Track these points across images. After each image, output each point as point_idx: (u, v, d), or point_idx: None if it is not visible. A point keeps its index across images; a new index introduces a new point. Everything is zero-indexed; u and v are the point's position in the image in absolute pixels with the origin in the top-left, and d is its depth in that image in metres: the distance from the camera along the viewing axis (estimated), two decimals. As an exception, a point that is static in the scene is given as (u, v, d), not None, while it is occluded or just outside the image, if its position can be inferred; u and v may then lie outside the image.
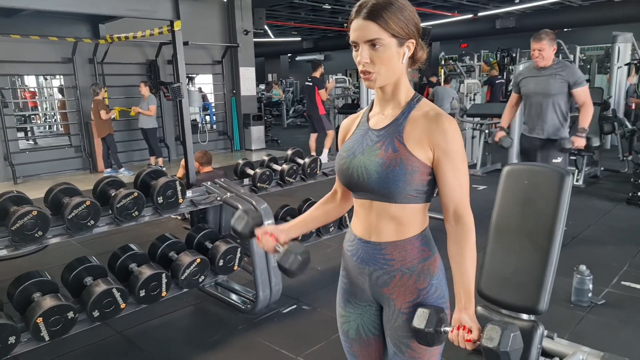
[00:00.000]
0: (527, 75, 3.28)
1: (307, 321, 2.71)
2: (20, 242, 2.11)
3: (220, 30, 9.17)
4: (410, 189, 1.06)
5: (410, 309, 1.11)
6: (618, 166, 6.26)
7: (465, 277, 1.08)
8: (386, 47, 1.03)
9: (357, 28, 1.04)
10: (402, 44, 1.05)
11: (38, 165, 7.23)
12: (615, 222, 4.29)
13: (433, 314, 1.05)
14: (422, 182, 1.07)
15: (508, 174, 1.89)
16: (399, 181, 1.05)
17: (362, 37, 1.04)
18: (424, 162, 1.06)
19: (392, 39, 1.03)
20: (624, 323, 2.54)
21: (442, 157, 1.05)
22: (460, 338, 1.03)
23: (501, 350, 0.96)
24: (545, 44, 3.10)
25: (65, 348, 2.44)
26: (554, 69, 3.17)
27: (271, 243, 1.22)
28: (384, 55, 1.04)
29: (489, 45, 14.20)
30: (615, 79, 7.92)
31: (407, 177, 1.05)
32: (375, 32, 1.02)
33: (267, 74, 19.37)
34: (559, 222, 1.72)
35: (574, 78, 3.14)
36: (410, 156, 1.05)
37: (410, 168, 1.05)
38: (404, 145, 1.06)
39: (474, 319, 1.07)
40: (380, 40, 1.03)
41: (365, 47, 1.04)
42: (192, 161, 3.24)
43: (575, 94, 3.16)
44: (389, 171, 1.05)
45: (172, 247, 2.67)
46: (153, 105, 7.08)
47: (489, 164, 6.71)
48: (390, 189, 1.06)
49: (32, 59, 7.05)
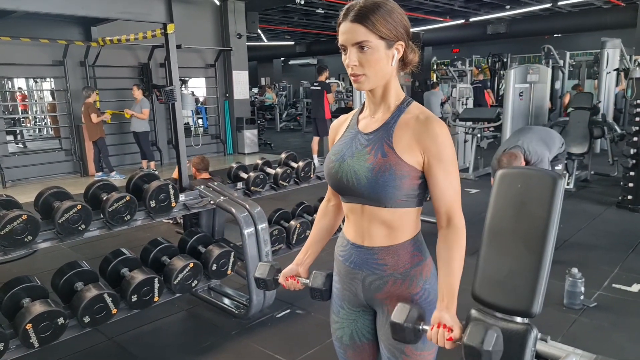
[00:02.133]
0: None
1: (301, 326, 2.69)
2: (10, 246, 2.07)
3: (213, 33, 9.16)
4: (401, 194, 1.06)
5: None
6: (608, 170, 6.34)
7: (452, 277, 1.07)
8: (374, 49, 1.03)
9: (345, 31, 1.04)
10: (391, 46, 1.05)
11: (28, 169, 7.14)
12: (606, 225, 4.34)
13: (414, 310, 1.03)
14: (412, 186, 1.07)
15: (502, 177, 1.89)
16: (389, 187, 1.05)
17: (350, 40, 1.04)
18: (414, 167, 1.06)
19: (381, 41, 1.03)
20: (616, 325, 2.56)
21: (433, 162, 1.05)
22: (440, 336, 1.01)
23: (484, 349, 0.95)
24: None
25: (56, 355, 2.40)
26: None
27: (296, 284, 1.28)
28: (372, 57, 1.04)
29: (481, 50, 14.34)
30: (604, 84, 8.04)
31: (397, 182, 1.05)
32: (362, 35, 1.02)
33: (260, 77, 19.35)
34: (553, 225, 1.74)
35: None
36: (400, 161, 1.05)
37: (400, 173, 1.05)
38: (393, 150, 1.06)
39: (455, 319, 1.05)
40: (368, 43, 1.02)
41: (353, 49, 1.04)
42: (184, 164, 3.22)
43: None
44: (379, 176, 1.05)
45: (164, 251, 2.64)
46: (146, 108, 7.04)
47: (481, 167, 6.75)
48: (380, 194, 1.06)
49: (22, 62, 6.97)
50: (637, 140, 4.59)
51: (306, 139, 11.40)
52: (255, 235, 2.62)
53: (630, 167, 4.65)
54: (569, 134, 5.72)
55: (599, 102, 7.61)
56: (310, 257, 1.32)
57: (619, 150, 6.37)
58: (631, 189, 4.65)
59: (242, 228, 2.59)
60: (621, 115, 9.23)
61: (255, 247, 2.63)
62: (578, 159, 5.73)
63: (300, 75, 19.72)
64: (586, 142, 5.74)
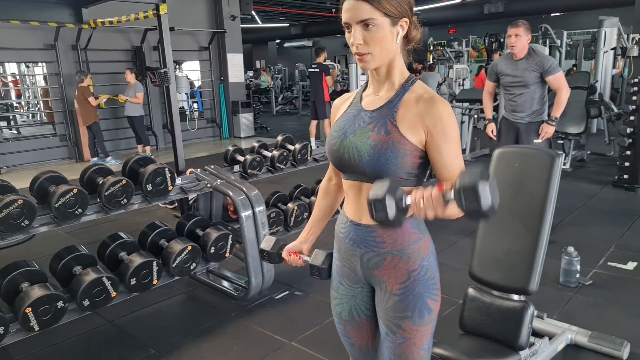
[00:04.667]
0: (504, 67, 3.37)
1: (300, 307, 2.72)
2: (6, 231, 2.06)
3: (206, 15, 8.99)
4: (402, 172, 1.06)
5: (401, 291, 1.11)
6: (604, 150, 6.35)
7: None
8: (379, 27, 1.01)
9: (349, 9, 1.02)
10: (396, 23, 1.03)
11: (22, 155, 7.08)
12: (602, 204, 4.37)
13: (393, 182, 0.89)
14: (413, 165, 1.06)
15: (499, 156, 1.89)
16: (390, 164, 1.04)
17: (354, 18, 1.02)
18: (416, 146, 1.05)
19: (385, 19, 1.01)
20: (611, 302, 2.60)
21: (439, 139, 1.04)
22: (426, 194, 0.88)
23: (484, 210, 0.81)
24: (521, 30, 3.18)
25: (56, 338, 2.42)
26: (527, 61, 3.25)
27: (298, 260, 1.30)
28: (377, 35, 1.02)
29: (477, 30, 14.18)
30: (601, 64, 7.99)
31: (399, 160, 1.04)
32: (367, 12, 1.00)
33: (255, 60, 19.13)
34: (550, 204, 1.74)
35: (545, 66, 3.20)
36: (403, 139, 1.04)
37: (402, 151, 1.04)
38: (397, 128, 1.05)
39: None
40: (373, 20, 1.00)
41: (358, 27, 1.02)
42: (180, 148, 3.19)
43: (549, 82, 3.25)
44: (381, 154, 1.04)
45: (162, 234, 2.64)
46: (140, 92, 6.94)
47: (477, 149, 6.75)
48: (381, 172, 1.05)
49: (13, 46, 6.83)
50: (634, 119, 4.58)
51: (303, 122, 11.34)
52: (253, 218, 2.62)
53: (626, 146, 4.65)
54: (566, 114, 5.67)
55: (596, 81, 7.57)
56: (313, 235, 1.34)
57: (615, 129, 6.37)
58: (627, 168, 4.67)
59: (240, 211, 2.58)
60: (618, 95, 9.20)
61: (253, 230, 2.63)
62: (575, 139, 5.73)
63: (296, 58, 19.48)
64: (583, 122, 5.73)
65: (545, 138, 3.29)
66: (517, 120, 3.40)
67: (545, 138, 3.29)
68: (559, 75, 3.21)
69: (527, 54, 3.24)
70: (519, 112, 3.38)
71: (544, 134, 3.27)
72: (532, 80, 3.25)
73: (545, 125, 3.30)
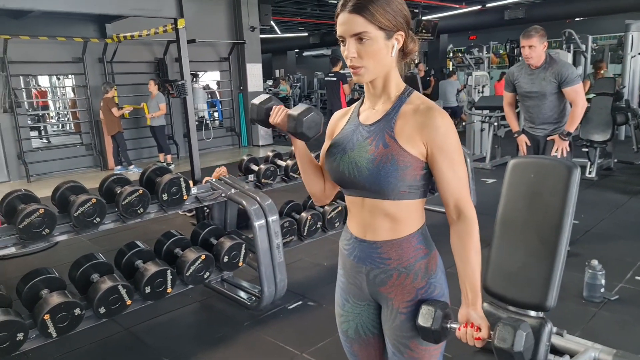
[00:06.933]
0: (521, 76, 3.22)
1: (313, 317, 2.70)
2: (28, 239, 2.14)
3: (226, 27, 9.17)
4: (403, 185, 1.04)
5: (408, 309, 1.09)
6: (632, 158, 6.12)
7: (470, 271, 1.05)
8: (373, 40, 1.01)
9: (343, 22, 1.02)
10: (391, 36, 1.03)
11: (50, 164, 7.33)
12: (629, 215, 4.20)
13: (438, 310, 1.03)
14: (415, 177, 1.04)
15: (514, 167, 1.85)
16: (391, 177, 1.03)
17: (348, 31, 1.02)
18: (417, 157, 1.03)
19: (380, 32, 1.01)
20: (638, 319, 2.48)
21: (437, 153, 1.02)
22: (469, 336, 1.03)
23: (515, 351, 0.96)
24: (535, 41, 2.99)
25: (73, 344, 2.47)
26: (545, 70, 3.07)
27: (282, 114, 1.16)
28: (372, 48, 1.02)
29: (498, 36, 13.95)
30: (629, 69, 7.74)
31: (399, 172, 1.02)
32: (361, 26, 1.00)
33: (274, 69, 19.34)
34: (567, 217, 1.68)
35: (563, 76, 3.01)
36: (402, 151, 1.03)
37: (402, 164, 1.02)
38: (395, 141, 1.03)
39: (483, 316, 1.05)
40: (366, 34, 1.00)
41: (352, 41, 1.02)
42: (197, 157, 3.24)
43: (565, 93, 3.05)
44: (380, 167, 1.03)
45: (177, 243, 2.67)
46: (163, 103, 7.14)
47: (498, 157, 6.62)
48: (381, 186, 1.04)
49: (44, 60, 7.13)
50: (663, 127, 4.40)
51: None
52: (266, 228, 2.63)
53: (655, 154, 4.47)
54: (591, 121, 5.53)
55: (623, 87, 7.33)
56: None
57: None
58: (657, 177, 4.48)
59: (253, 220, 2.60)
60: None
61: (267, 239, 2.63)
62: (600, 147, 5.54)
63: (314, 67, 19.62)
64: (609, 129, 5.54)
65: (561, 153, 3.08)
66: (536, 133, 3.26)
67: (561, 153, 3.08)
68: (578, 87, 3.01)
69: (545, 62, 3.07)
70: (538, 124, 3.23)
71: (558, 150, 3.08)
72: (550, 90, 3.07)
73: (557, 140, 3.10)
